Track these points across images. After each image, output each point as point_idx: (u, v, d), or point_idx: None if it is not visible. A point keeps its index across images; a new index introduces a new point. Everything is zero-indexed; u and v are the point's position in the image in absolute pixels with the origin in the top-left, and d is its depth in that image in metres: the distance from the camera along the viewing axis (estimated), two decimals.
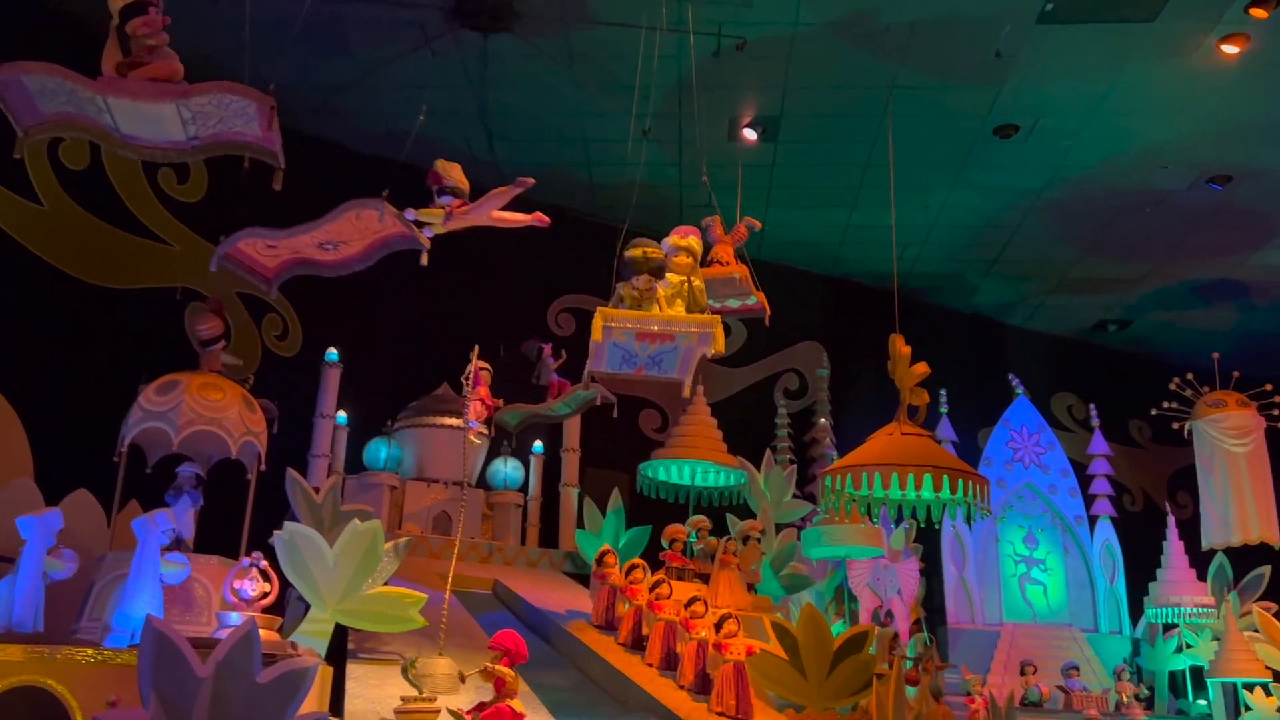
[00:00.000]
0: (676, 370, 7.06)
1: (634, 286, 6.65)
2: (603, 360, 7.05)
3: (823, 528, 10.68)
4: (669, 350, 6.84)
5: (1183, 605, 12.56)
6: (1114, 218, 12.77)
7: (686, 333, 6.63)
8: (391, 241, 7.00)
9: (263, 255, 7.11)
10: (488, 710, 5.79)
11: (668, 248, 6.78)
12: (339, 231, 6.78)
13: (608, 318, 6.59)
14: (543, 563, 11.09)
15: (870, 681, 7.79)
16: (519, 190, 6.89)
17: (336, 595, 6.58)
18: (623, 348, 6.86)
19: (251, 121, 5.97)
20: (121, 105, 5.89)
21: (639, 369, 7.03)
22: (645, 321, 6.53)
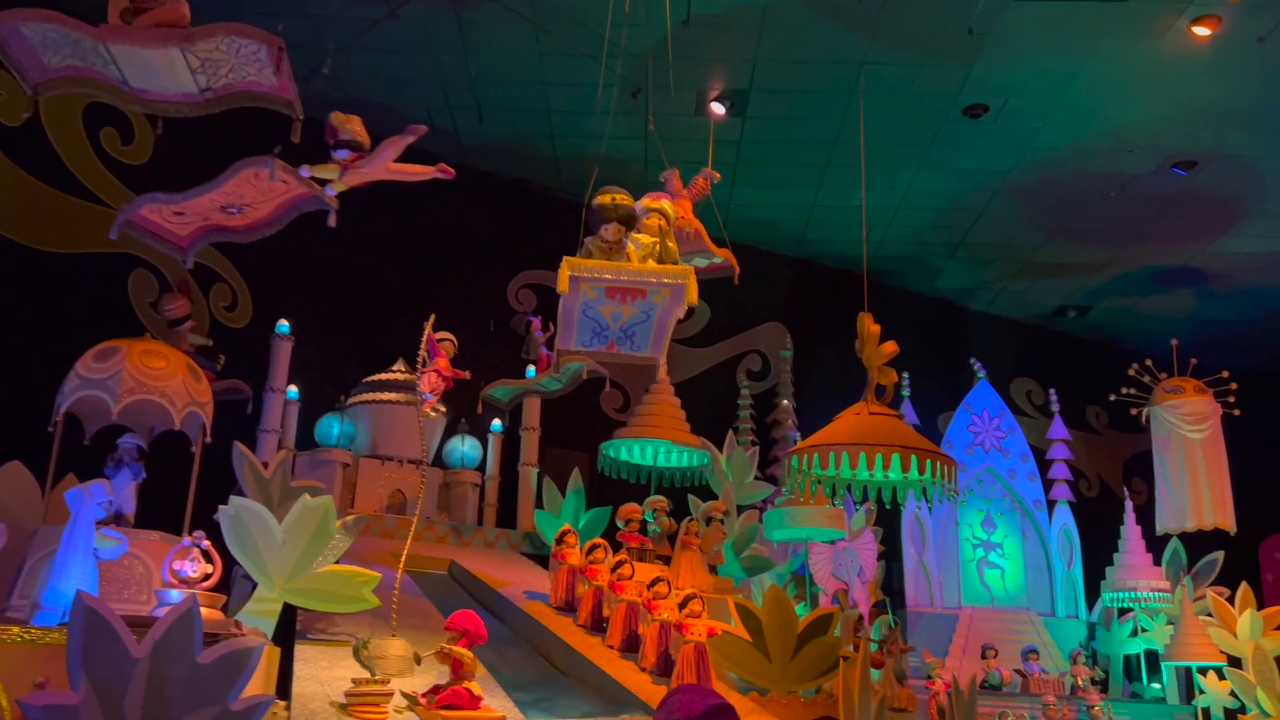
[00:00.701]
0: (650, 346, 6.79)
1: (603, 238, 6.36)
2: (572, 334, 6.76)
3: (785, 509, 10.53)
4: (641, 321, 6.58)
5: (1139, 590, 12.63)
6: (1079, 202, 12.74)
7: (659, 286, 6.34)
8: (301, 203, 6.70)
9: (171, 223, 6.78)
10: (444, 693, 5.55)
11: (639, 209, 6.52)
12: (240, 194, 6.47)
13: (574, 267, 6.28)
14: (500, 543, 10.83)
15: (835, 664, 7.66)
16: (411, 138, 6.57)
17: (285, 573, 6.29)
18: (593, 319, 6.58)
19: (264, 68, 5.78)
20: (125, 54, 5.66)
21: (611, 344, 6.75)
22: (615, 271, 6.23)
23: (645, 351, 6.82)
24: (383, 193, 11.98)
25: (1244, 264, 14.06)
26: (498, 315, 12.47)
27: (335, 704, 5.50)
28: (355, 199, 11.63)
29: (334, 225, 6.70)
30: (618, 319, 6.52)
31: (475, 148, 12.26)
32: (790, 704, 7.52)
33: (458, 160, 12.49)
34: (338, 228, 11.54)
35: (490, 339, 12.07)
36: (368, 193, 11.82)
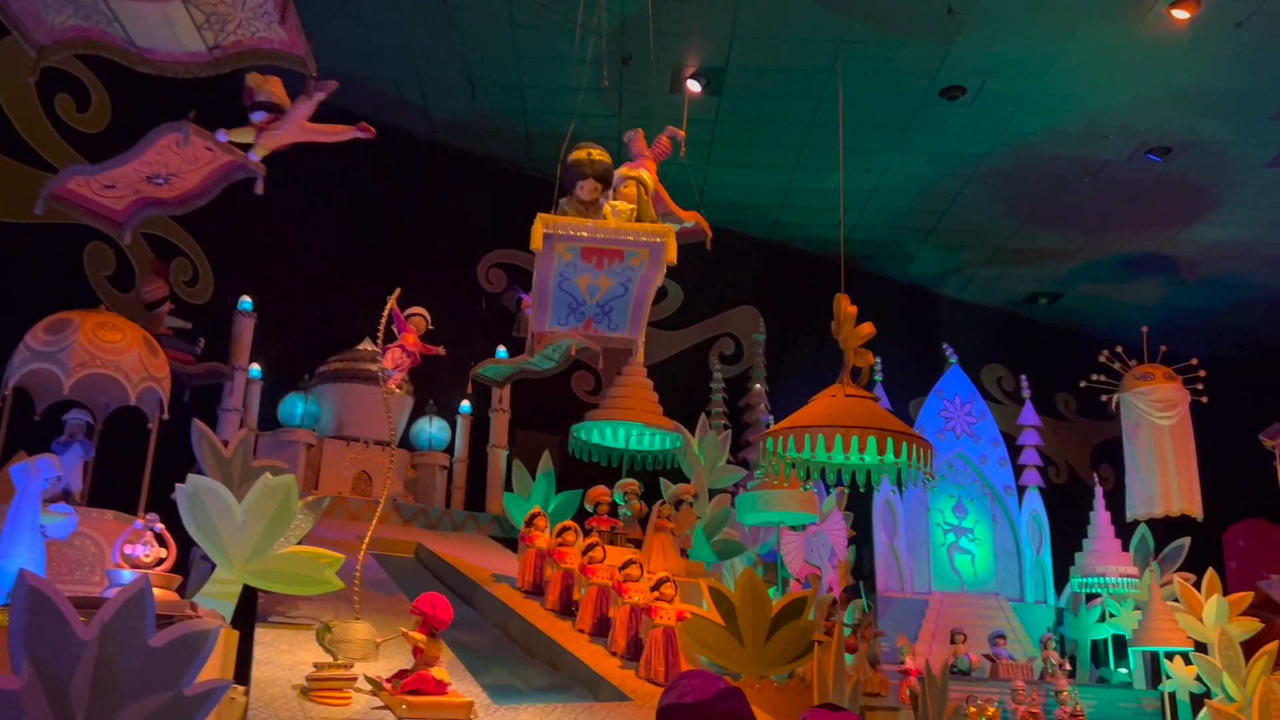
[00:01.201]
0: (627, 324, 6.60)
1: (578, 197, 6.16)
2: (547, 311, 6.56)
3: (758, 493, 10.42)
4: (618, 295, 6.39)
5: (1107, 575, 12.68)
6: (1053, 188, 12.72)
7: (637, 246, 6.15)
8: (230, 171, 6.45)
9: (104, 196, 6.51)
10: (409, 678, 5.37)
11: (616, 179, 6.33)
12: (164, 163, 6.22)
13: (549, 223, 6.06)
14: (468, 526, 10.65)
15: (808, 649, 7.56)
16: (322, 95, 6.33)
17: (244, 554, 6.07)
18: (569, 293, 6.39)
19: (272, 23, 5.51)
20: (127, 10, 5.39)
21: (587, 321, 6.56)
22: (592, 229, 6.02)
23: (623, 331, 6.63)
24: (350, 167, 11.80)
25: (1213, 252, 14.12)
26: (474, 294, 12.26)
27: (296, 689, 5.31)
28: (324, 172, 11.44)
29: (260, 192, 6.43)
30: (594, 292, 6.33)
31: (446, 123, 12.02)
32: (763, 689, 7.41)
33: (428, 136, 12.40)
34: (303, 201, 11.41)
35: (465, 316, 11.86)
36: (334, 167, 11.65)
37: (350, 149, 11.72)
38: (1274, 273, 14.56)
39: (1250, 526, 16.26)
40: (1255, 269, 14.46)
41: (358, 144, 11.86)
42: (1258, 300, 15.34)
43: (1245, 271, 14.58)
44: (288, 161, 11.21)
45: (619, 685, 6.69)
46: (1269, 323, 15.88)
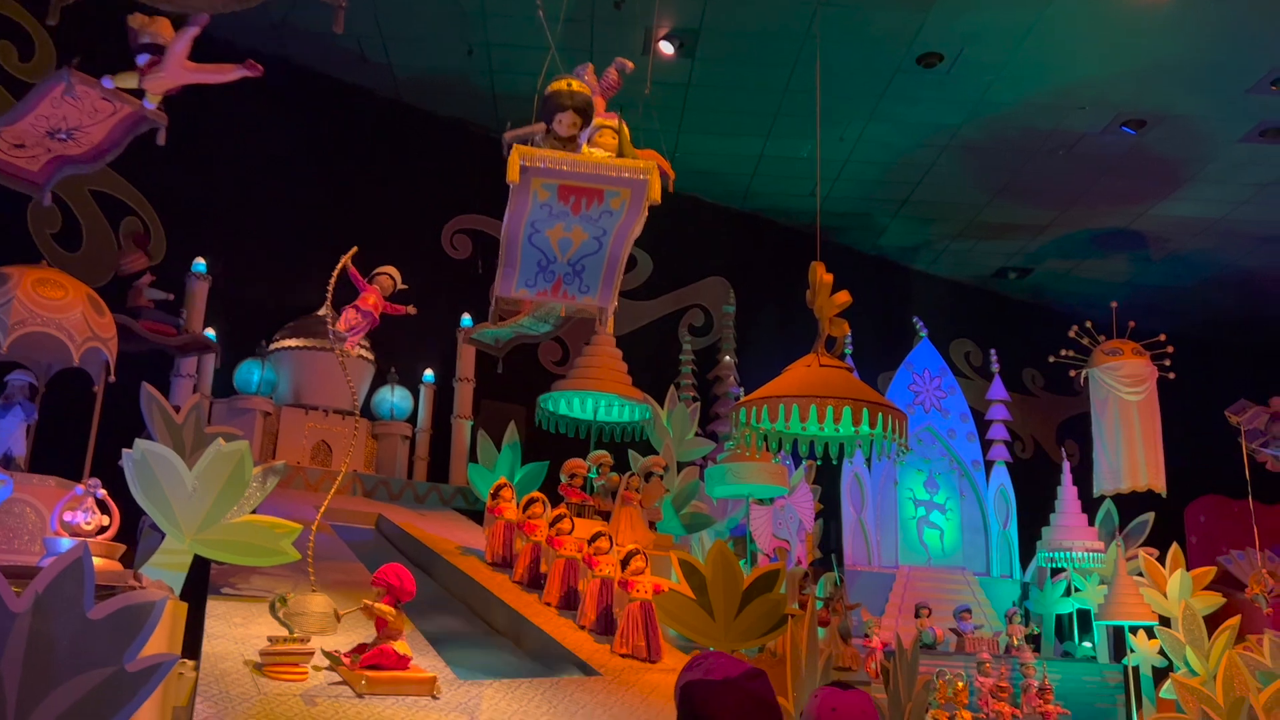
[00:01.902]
0: (599, 287, 6.30)
1: (555, 133, 5.86)
2: (515, 270, 6.25)
3: (728, 465, 10.26)
4: (592, 252, 6.09)
5: (1073, 550, 12.69)
6: (1027, 160, 12.60)
7: (619, 184, 5.85)
8: (134, 122, 6.07)
9: (17, 157, 6.11)
10: (369, 652, 5.13)
11: (591, 127, 6.04)
12: (62, 117, 5.84)
13: (526, 155, 5.75)
14: (431, 498, 10.39)
15: (780, 622, 7.41)
16: (195, 30, 5.95)
17: (195, 523, 5.77)
18: (539, 248, 6.08)
19: None
20: None
21: (557, 282, 6.25)
22: (572, 163, 5.72)
23: (593, 296, 6.34)
24: (310, 127, 11.40)
25: (1182, 229, 14.11)
26: (438, 260, 11.93)
27: (250, 663, 5.05)
28: (282, 132, 11.05)
29: (162, 143, 6.06)
30: (566, 248, 6.04)
31: (409, 82, 11.63)
32: None
33: (391, 96, 12.00)
34: (261, 161, 11.01)
35: (428, 282, 11.53)
36: (293, 127, 11.25)
37: (310, 107, 11.45)
38: (1240, 251, 14.60)
39: (1211, 502, 16.39)
40: (1222, 247, 14.48)
41: (317, 103, 11.60)
42: (1223, 279, 15.39)
43: (1212, 249, 14.59)
44: (245, 119, 10.87)
45: (588, 660, 6.49)
46: (1233, 302, 15.95)
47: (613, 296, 6.42)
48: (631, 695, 6.05)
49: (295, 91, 11.35)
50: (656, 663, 6.67)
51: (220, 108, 10.69)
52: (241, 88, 11.25)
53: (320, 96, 11.51)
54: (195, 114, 10.48)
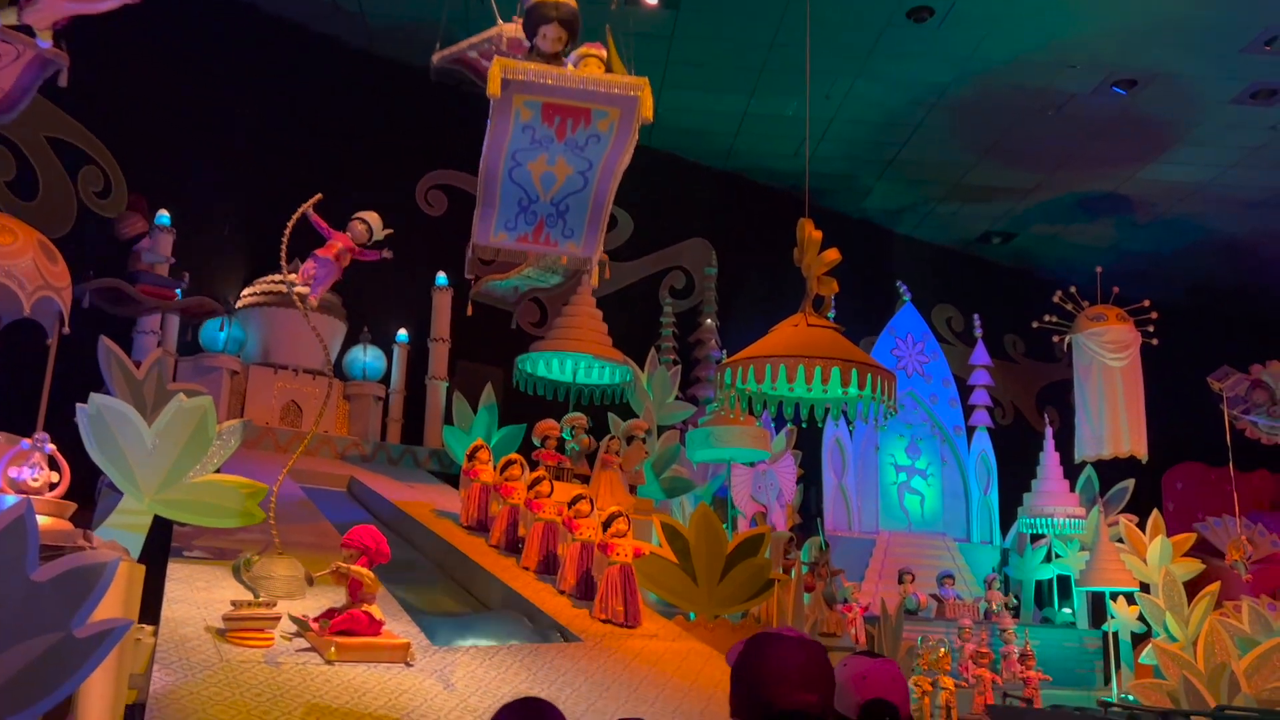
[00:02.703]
0: (583, 232, 5.96)
1: (539, 49, 5.52)
2: (494, 210, 5.91)
3: (710, 429, 10.06)
4: (577, 189, 5.76)
5: (1055, 516, 12.62)
6: (1016, 121, 12.37)
7: (607, 103, 5.51)
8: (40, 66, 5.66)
9: None
10: (339, 617, 4.88)
11: (574, 57, 5.70)
12: None
13: (508, 68, 5.38)
14: (405, 461, 10.12)
15: (764, 588, 7.24)
16: None
17: (155, 483, 5.49)
18: (520, 185, 5.75)
19: None
20: None
21: (539, 224, 5.92)
22: (557, 77, 5.37)
23: (578, 242, 6.00)
24: (280, 77, 10.98)
25: (1169, 193, 13.96)
26: (412, 216, 11.58)
27: (212, 629, 4.79)
28: (251, 83, 10.63)
29: (65, 85, 5.68)
30: (549, 185, 5.71)
31: (383, 31, 11.22)
32: (717, 628, 7.09)
33: (364, 45, 11.58)
34: (228, 113, 10.59)
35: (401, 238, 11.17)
36: (263, 77, 10.83)
37: (279, 58, 11.01)
38: (1226, 217, 14.48)
39: (1188, 469, 16.41)
40: (1208, 211, 14.35)
41: (288, 53, 11.16)
42: (1207, 245, 15.28)
43: (1198, 214, 14.46)
44: (211, 70, 10.44)
45: (567, 625, 6.28)
46: (1217, 269, 15.87)
47: (598, 245, 6.09)
48: (613, 661, 5.85)
49: (264, 41, 10.93)
50: (635, 628, 6.46)
51: (185, 57, 10.31)
52: (210, 37, 10.84)
53: (290, 46, 11.09)
54: (160, 63, 10.14)
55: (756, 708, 2.06)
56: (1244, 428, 14.90)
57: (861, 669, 2.24)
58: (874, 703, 2.19)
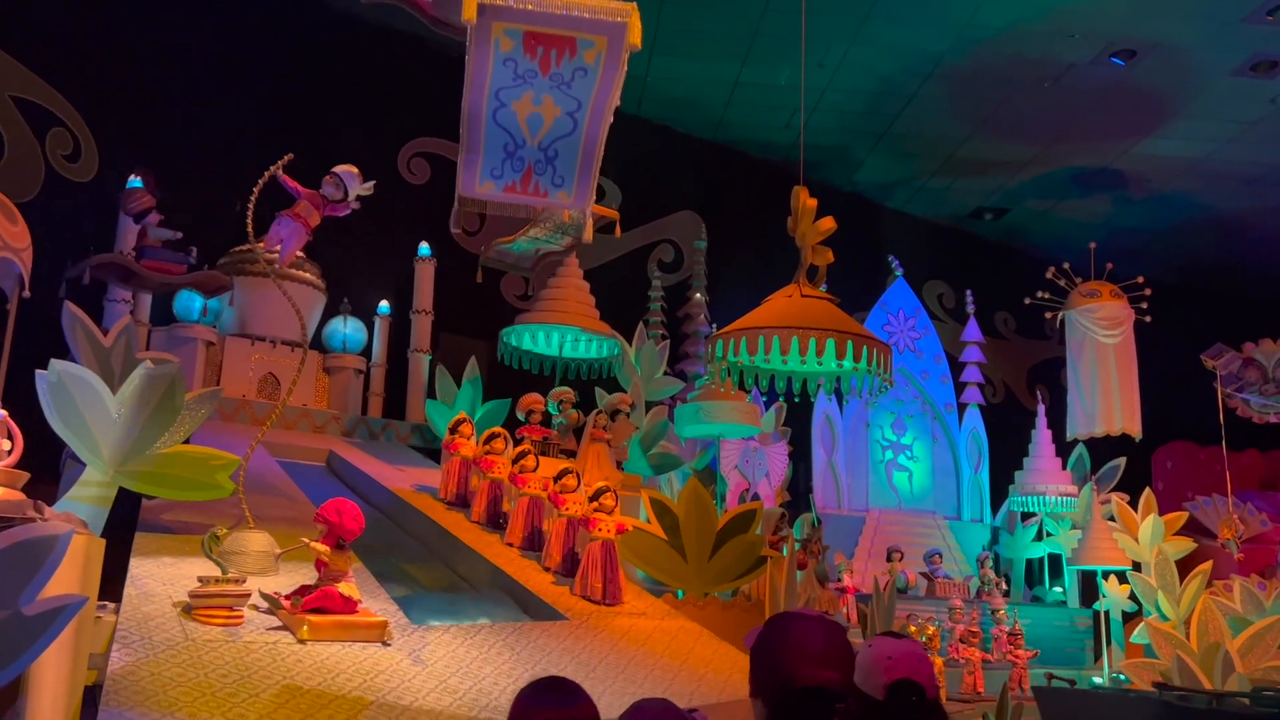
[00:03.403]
0: (574, 180, 5.68)
1: None
2: (478, 157, 5.62)
3: (700, 404, 9.83)
4: (566, 132, 5.49)
5: (1047, 494, 12.48)
6: (1012, 91, 12.13)
7: (593, 31, 5.23)
8: None
9: None
10: (312, 594, 4.64)
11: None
12: None
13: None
14: (386, 435, 9.87)
15: (755, 565, 7.04)
16: None
17: (121, 453, 5.23)
18: (505, 128, 5.48)
19: None
20: None
21: (527, 172, 5.63)
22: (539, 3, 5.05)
23: (568, 191, 5.72)
24: (260, 41, 10.63)
25: (1165, 168, 13.78)
26: (395, 184, 11.26)
27: (178, 606, 4.55)
28: (229, 45, 10.27)
29: None
30: (536, 127, 5.43)
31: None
32: (707, 606, 6.89)
33: (346, 9, 11.21)
34: (205, 76, 10.25)
35: (384, 207, 10.87)
36: (242, 40, 10.47)
37: (258, 21, 10.65)
38: (1221, 192, 14.32)
39: (1178, 448, 16.33)
40: (1203, 187, 14.18)
41: (267, 16, 10.80)
42: (1201, 222, 15.13)
43: (1193, 190, 14.30)
44: (187, 31, 10.09)
45: (552, 603, 6.06)
46: (1209, 247, 15.72)
47: (589, 194, 5.82)
48: (599, 641, 5.64)
49: (244, 5, 10.58)
50: (614, 606, 6.25)
51: (161, 20, 9.95)
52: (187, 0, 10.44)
53: (271, 10, 10.73)
54: (133, 24, 9.78)
55: (777, 686, 2.07)
56: (1235, 406, 14.79)
57: (888, 649, 2.23)
58: (901, 683, 2.17)
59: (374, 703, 4.04)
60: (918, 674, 2.20)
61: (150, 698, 3.61)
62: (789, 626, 2.16)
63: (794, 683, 2.04)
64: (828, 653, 2.09)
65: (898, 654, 2.22)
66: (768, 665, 2.12)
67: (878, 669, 2.19)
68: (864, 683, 2.20)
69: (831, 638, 2.13)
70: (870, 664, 2.21)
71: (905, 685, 2.17)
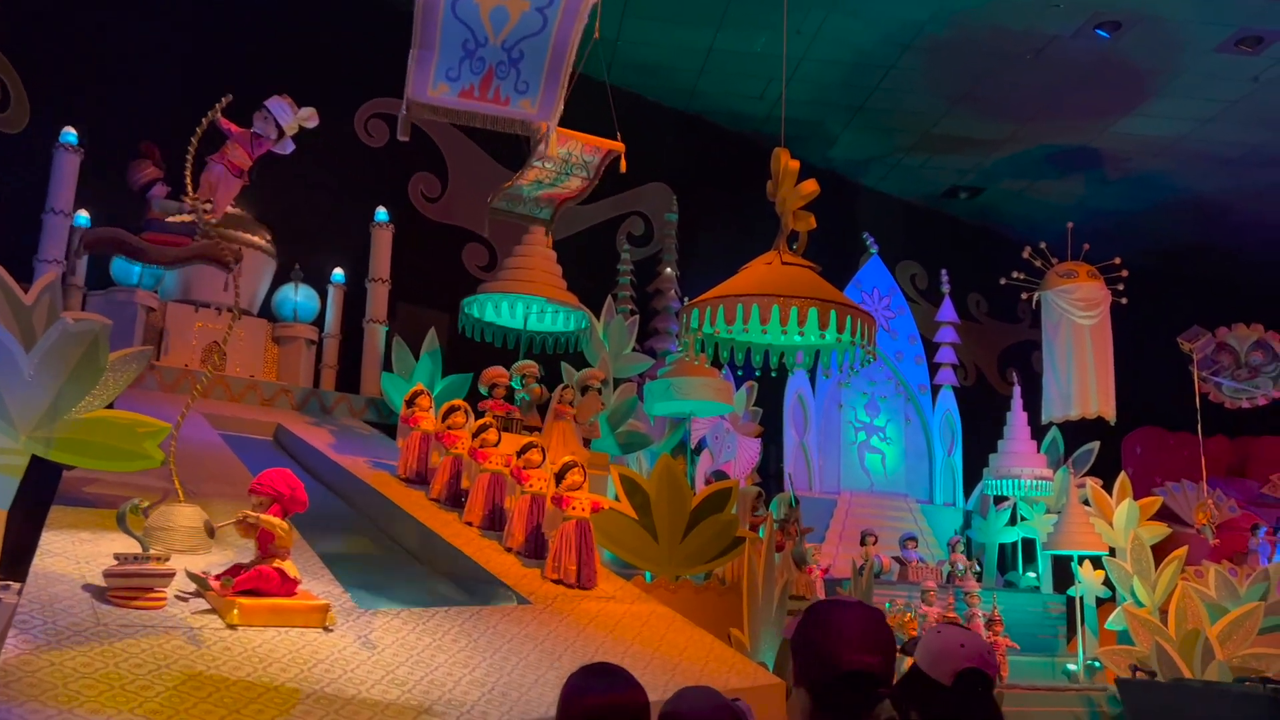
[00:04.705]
0: (541, 84, 5.16)
1: None
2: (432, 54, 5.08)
3: (671, 380, 9.43)
4: (533, 31, 4.97)
5: (1022, 477, 12.23)
6: (992, 64, 11.79)
7: None
8: None
9: None
10: (246, 574, 4.15)
11: None
12: None
13: None
14: (339, 409, 9.34)
15: (730, 546, 6.64)
16: None
17: (33, 417, 4.67)
18: (464, 22, 4.94)
19: None
20: None
21: (487, 75, 5.10)
22: None
23: (532, 100, 5.20)
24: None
25: (1143, 147, 13.54)
26: (351, 147, 10.70)
27: (92, 587, 4.05)
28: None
29: None
30: (501, 23, 4.90)
31: None
32: (679, 590, 6.48)
33: None
34: (146, 29, 9.60)
35: (340, 171, 10.35)
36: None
37: None
38: (1197, 174, 14.12)
39: (1147, 434, 16.20)
40: (1180, 169, 13.97)
41: None
42: (1175, 205, 14.94)
43: (1170, 171, 14.08)
44: None
45: (514, 586, 5.62)
46: (1183, 230, 15.54)
47: (556, 106, 5.32)
48: (565, 626, 5.22)
49: None
50: (589, 590, 5.83)
51: None
52: None
53: None
54: None
55: (819, 673, 2.08)
56: (1208, 391, 14.65)
57: (959, 637, 2.22)
58: (971, 671, 2.15)
59: (310, 695, 3.57)
60: (988, 666, 2.19)
61: (47, 690, 3.12)
62: (829, 613, 2.17)
63: (837, 668, 2.05)
64: (869, 637, 2.10)
65: (969, 643, 2.20)
66: (809, 653, 2.11)
67: (949, 655, 2.17)
68: (931, 668, 2.17)
69: (872, 622, 2.14)
70: (940, 649, 2.19)
71: (975, 674, 2.15)
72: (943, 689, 2.14)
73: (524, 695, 4.12)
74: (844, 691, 2.04)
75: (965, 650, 2.17)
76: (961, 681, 2.14)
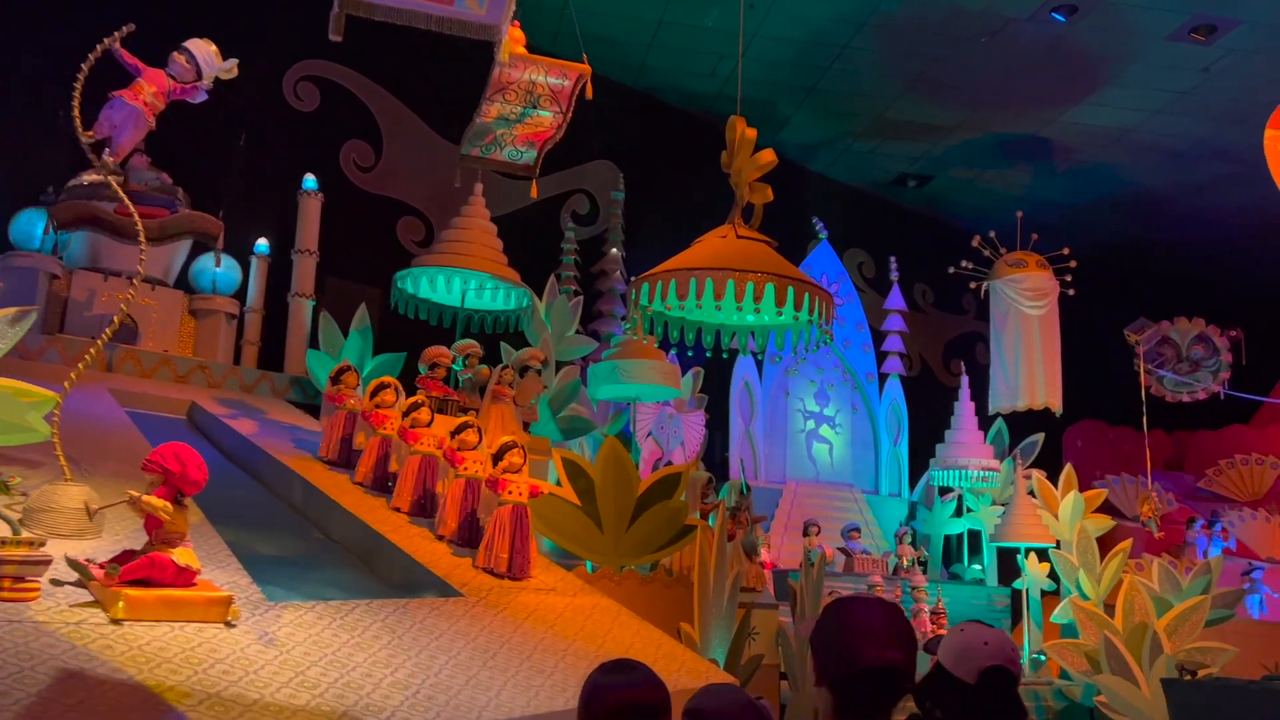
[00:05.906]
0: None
1: None
2: None
3: (616, 363, 9.02)
4: None
5: (969, 468, 12.06)
6: (946, 47, 11.57)
7: None
8: None
9: None
10: (135, 561, 3.64)
11: None
12: None
13: None
14: (261, 388, 8.76)
15: (679, 535, 6.25)
16: None
17: None
18: None
19: None
20: None
21: None
22: None
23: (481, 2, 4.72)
24: None
25: (1092, 137, 13.46)
26: (279, 110, 10.06)
27: None
28: None
29: None
30: None
31: None
32: (625, 581, 6.08)
33: None
34: None
35: (267, 135, 9.71)
36: None
37: None
38: (1144, 167, 14.10)
39: (1087, 428, 16.24)
40: (1127, 160, 13.94)
41: None
42: (1121, 198, 14.94)
43: (1117, 163, 14.04)
44: None
45: (445, 577, 5.16)
46: (1128, 223, 15.56)
47: (507, 8, 4.86)
48: (500, 621, 4.78)
49: None
50: (521, 580, 5.39)
51: None
52: None
53: None
54: None
55: (842, 671, 2.06)
56: (1149, 384, 14.67)
57: (984, 635, 2.20)
58: (996, 669, 2.14)
59: (205, 699, 3.09)
60: (1013, 664, 2.16)
61: None
62: (848, 609, 2.14)
63: (859, 665, 2.03)
64: (891, 633, 2.07)
65: (994, 640, 2.17)
66: (830, 650, 2.09)
67: (974, 653, 2.15)
68: (955, 665, 2.16)
69: (893, 618, 2.11)
70: (964, 647, 2.18)
71: (999, 672, 2.14)
72: (967, 687, 2.13)
73: (453, 698, 3.67)
74: (867, 689, 2.02)
75: (989, 648, 2.15)
76: (985, 679, 2.13)
